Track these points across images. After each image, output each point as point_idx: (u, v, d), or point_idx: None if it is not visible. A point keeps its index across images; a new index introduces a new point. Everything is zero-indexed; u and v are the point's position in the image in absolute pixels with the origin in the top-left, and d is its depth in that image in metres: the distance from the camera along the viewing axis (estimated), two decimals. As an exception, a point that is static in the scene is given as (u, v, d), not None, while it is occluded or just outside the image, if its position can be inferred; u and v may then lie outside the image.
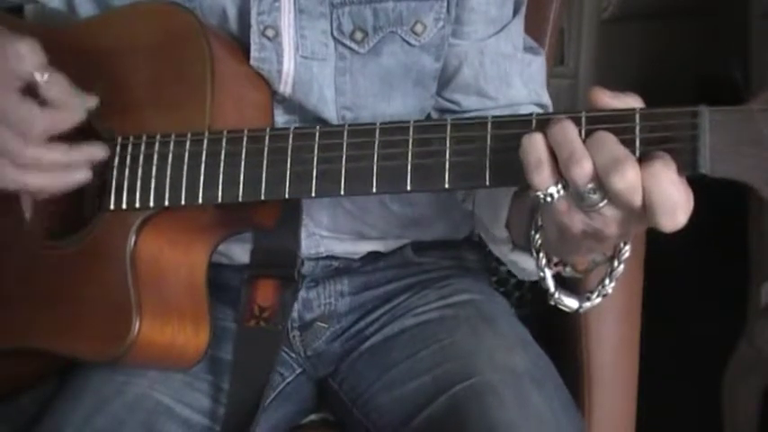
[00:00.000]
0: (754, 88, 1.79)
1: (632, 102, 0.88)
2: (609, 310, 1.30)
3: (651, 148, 0.85)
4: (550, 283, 0.94)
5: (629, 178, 0.83)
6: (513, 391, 1.08)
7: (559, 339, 1.31)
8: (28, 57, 1.02)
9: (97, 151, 1.05)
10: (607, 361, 1.32)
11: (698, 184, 0.85)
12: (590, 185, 0.85)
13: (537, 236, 0.94)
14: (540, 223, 0.93)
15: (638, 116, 0.86)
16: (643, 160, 0.84)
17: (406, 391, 1.15)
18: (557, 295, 0.94)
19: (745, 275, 1.95)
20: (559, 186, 0.87)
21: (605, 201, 0.85)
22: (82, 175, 1.04)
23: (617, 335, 1.32)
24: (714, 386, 1.97)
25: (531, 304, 1.40)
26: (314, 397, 1.30)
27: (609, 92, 0.88)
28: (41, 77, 1.02)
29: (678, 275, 2.12)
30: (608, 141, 0.85)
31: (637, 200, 0.83)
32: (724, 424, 1.98)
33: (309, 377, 1.28)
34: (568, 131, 0.86)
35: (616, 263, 0.92)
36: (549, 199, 0.87)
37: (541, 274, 0.94)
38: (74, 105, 1.03)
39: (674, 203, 0.83)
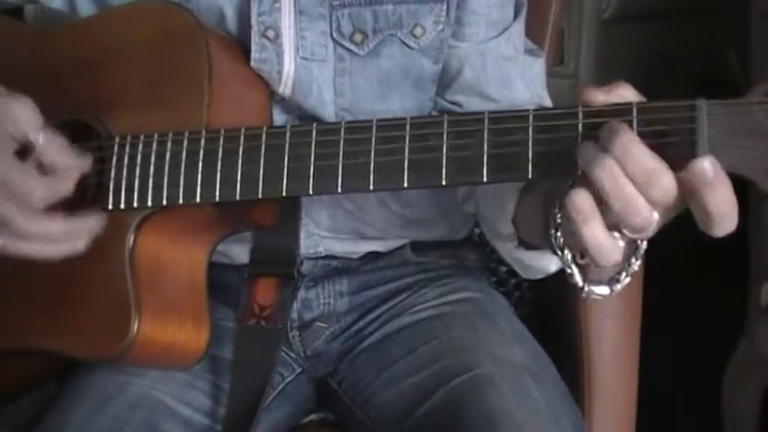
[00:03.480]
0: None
1: (625, 92, 0.87)
2: (609, 309, 1.30)
3: (649, 142, 0.84)
4: (578, 279, 0.92)
5: (664, 186, 0.82)
6: (512, 382, 1.08)
7: (559, 339, 1.31)
8: (23, 118, 1.01)
9: (96, 222, 1.04)
10: (607, 361, 1.32)
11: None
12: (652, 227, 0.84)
13: (558, 233, 0.91)
14: (558, 221, 0.91)
15: (635, 110, 0.85)
16: (698, 179, 0.81)
17: (405, 387, 1.15)
18: (586, 288, 0.92)
19: (745, 275, 1.95)
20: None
21: (656, 218, 0.84)
22: (79, 246, 1.03)
23: (617, 335, 1.32)
24: (714, 386, 1.97)
25: (530, 304, 1.40)
26: (314, 397, 1.30)
27: (600, 89, 0.87)
28: (37, 138, 1.01)
29: (678, 275, 2.12)
30: (634, 152, 0.83)
31: (672, 200, 0.83)
32: (724, 424, 1.98)
33: (309, 377, 1.29)
34: (618, 178, 0.83)
35: (639, 241, 0.90)
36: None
37: (568, 270, 0.92)
38: (69, 167, 1.03)
39: (731, 215, 0.82)
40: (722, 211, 0.82)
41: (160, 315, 1.05)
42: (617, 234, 0.86)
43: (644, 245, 0.90)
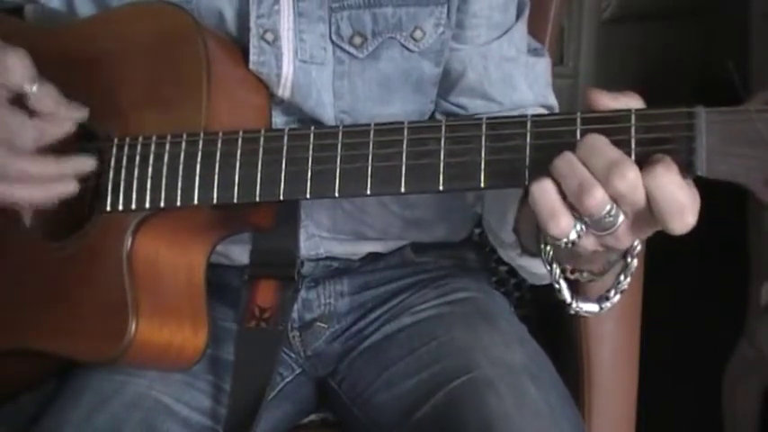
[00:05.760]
0: (755, 89, 1.78)
1: (631, 101, 0.87)
2: (609, 310, 1.30)
3: (647, 149, 0.84)
4: (567, 295, 0.92)
5: (629, 179, 0.82)
6: (510, 384, 1.08)
7: (559, 339, 1.31)
8: (17, 68, 1.02)
9: (85, 163, 1.04)
10: (607, 361, 1.32)
11: (697, 183, 0.85)
12: (606, 209, 0.83)
13: (548, 248, 0.92)
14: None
15: (633, 117, 0.85)
16: (644, 165, 0.83)
17: (405, 388, 1.15)
18: (575, 305, 0.92)
19: (745, 275, 1.95)
20: (579, 227, 0.85)
21: (621, 218, 0.84)
22: (69, 188, 1.03)
23: (617, 335, 1.32)
24: (714, 386, 1.97)
25: (530, 304, 1.40)
26: (314, 397, 1.30)
27: (607, 93, 0.87)
28: (31, 89, 1.02)
29: (678, 275, 2.12)
30: (599, 145, 0.84)
31: (640, 198, 0.83)
32: (724, 424, 1.97)
33: (309, 377, 1.29)
34: (573, 163, 0.84)
35: (629, 258, 0.91)
36: (570, 245, 0.86)
37: (557, 285, 0.92)
38: (63, 116, 1.04)
39: (681, 206, 0.82)
40: (667, 197, 0.82)
41: (157, 316, 1.05)
42: (579, 225, 0.85)
43: (634, 263, 0.90)
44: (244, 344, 1.16)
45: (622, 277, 0.91)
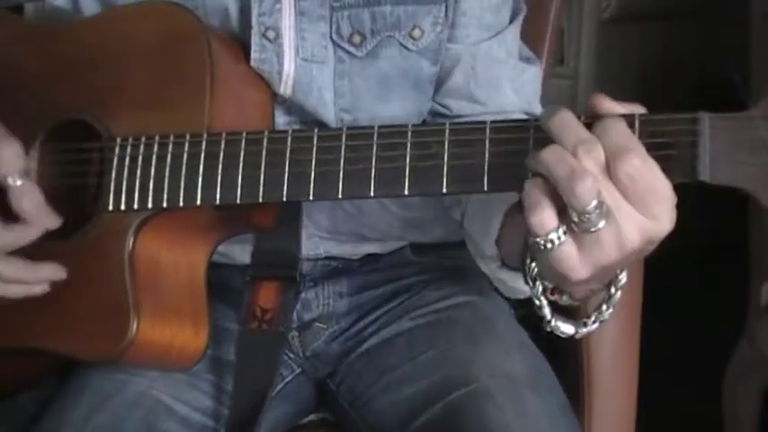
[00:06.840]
0: (755, 89, 1.79)
1: (635, 109, 0.86)
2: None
3: (651, 154, 0.83)
4: (546, 312, 0.92)
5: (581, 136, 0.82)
6: (510, 396, 1.08)
7: (559, 340, 1.31)
8: (9, 161, 1.02)
9: (56, 272, 1.06)
10: (607, 361, 1.32)
11: (698, 183, 0.85)
12: (594, 203, 0.81)
13: (533, 264, 0.91)
14: (535, 252, 0.89)
15: (637, 122, 0.85)
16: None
17: (403, 395, 1.15)
18: (553, 323, 0.92)
19: (746, 275, 1.95)
20: (560, 232, 0.84)
21: (604, 221, 0.82)
22: (40, 290, 1.06)
23: (617, 335, 1.32)
24: (714, 386, 1.97)
25: (529, 305, 1.40)
26: (313, 397, 1.30)
27: (611, 99, 0.86)
28: (14, 182, 1.02)
29: (678, 275, 2.13)
30: (614, 127, 0.83)
31: (597, 149, 0.82)
32: (724, 424, 1.98)
33: (309, 377, 1.29)
34: (562, 153, 0.83)
35: (613, 290, 0.90)
36: (549, 245, 0.84)
37: (537, 302, 0.92)
38: (37, 222, 1.04)
39: (634, 143, 0.82)
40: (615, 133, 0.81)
41: (159, 316, 1.05)
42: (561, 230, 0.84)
43: (617, 295, 0.90)
44: (246, 345, 1.16)
45: (604, 307, 0.91)
